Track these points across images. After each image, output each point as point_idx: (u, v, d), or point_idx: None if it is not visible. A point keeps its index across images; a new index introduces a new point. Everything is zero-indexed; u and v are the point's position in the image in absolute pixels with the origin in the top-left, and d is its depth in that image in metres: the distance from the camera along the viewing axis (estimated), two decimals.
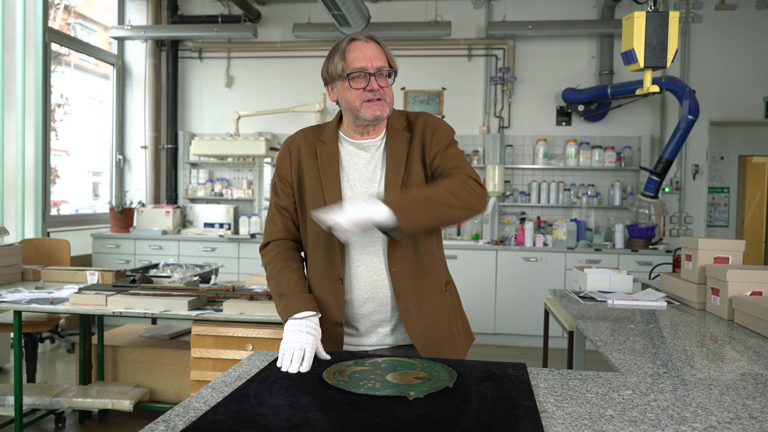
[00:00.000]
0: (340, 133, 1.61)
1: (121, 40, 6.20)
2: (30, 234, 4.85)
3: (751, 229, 6.95)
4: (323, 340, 1.55)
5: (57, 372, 4.29)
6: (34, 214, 4.89)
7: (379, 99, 1.49)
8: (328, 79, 1.56)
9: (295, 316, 1.43)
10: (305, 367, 1.31)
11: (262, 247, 1.63)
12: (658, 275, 3.24)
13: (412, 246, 1.55)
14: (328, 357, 1.42)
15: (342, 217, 1.33)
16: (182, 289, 2.85)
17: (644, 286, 3.18)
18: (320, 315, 1.51)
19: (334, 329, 1.56)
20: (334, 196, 1.53)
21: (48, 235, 4.98)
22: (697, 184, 5.60)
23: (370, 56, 1.48)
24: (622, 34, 2.70)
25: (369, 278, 1.53)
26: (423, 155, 1.55)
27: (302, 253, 1.66)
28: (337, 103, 1.59)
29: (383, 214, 1.33)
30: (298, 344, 1.36)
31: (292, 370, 1.30)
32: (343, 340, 1.57)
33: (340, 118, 1.63)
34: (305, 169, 1.58)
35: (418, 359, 1.38)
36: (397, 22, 5.70)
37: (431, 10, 5.80)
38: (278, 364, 1.35)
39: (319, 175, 1.56)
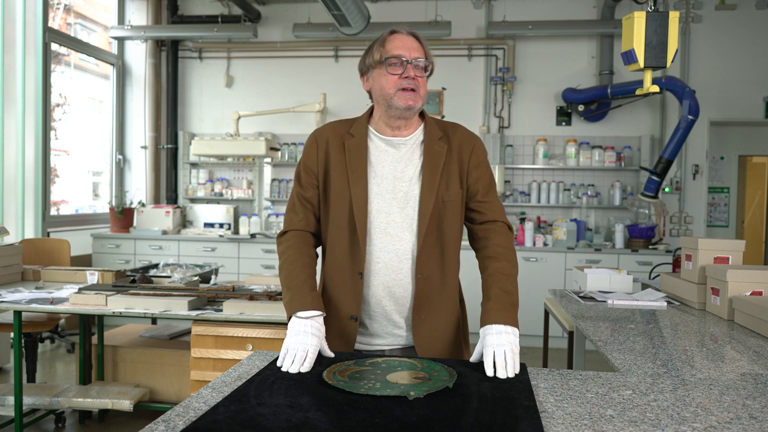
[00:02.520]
0: (369, 127, 1.61)
1: (121, 40, 6.20)
2: (30, 234, 4.85)
3: (751, 229, 6.95)
4: (334, 336, 1.55)
5: (57, 372, 4.29)
6: (34, 214, 4.89)
7: (413, 89, 1.51)
8: (365, 69, 1.59)
9: (300, 314, 1.43)
10: (306, 368, 1.31)
11: (280, 235, 1.62)
12: (658, 275, 3.24)
13: (438, 255, 1.56)
14: (332, 354, 1.42)
15: (515, 364, 1.33)
16: (182, 289, 2.85)
17: (644, 286, 3.18)
18: (325, 314, 1.50)
19: (348, 323, 1.56)
20: (360, 191, 1.53)
21: (48, 235, 4.98)
22: (697, 184, 5.60)
23: (409, 46, 1.52)
24: (622, 34, 2.70)
25: (387, 276, 1.54)
26: (460, 172, 1.58)
27: (319, 247, 1.65)
28: (370, 97, 1.61)
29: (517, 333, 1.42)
30: (302, 345, 1.36)
31: (293, 370, 1.30)
32: (356, 336, 1.57)
33: (370, 113, 1.63)
34: (332, 162, 1.57)
35: (418, 359, 1.38)
36: (397, 22, 5.63)
37: (431, 10, 5.80)
38: (279, 363, 1.34)
39: (346, 168, 1.55)
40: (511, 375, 1.29)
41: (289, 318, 1.45)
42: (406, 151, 1.58)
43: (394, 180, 1.56)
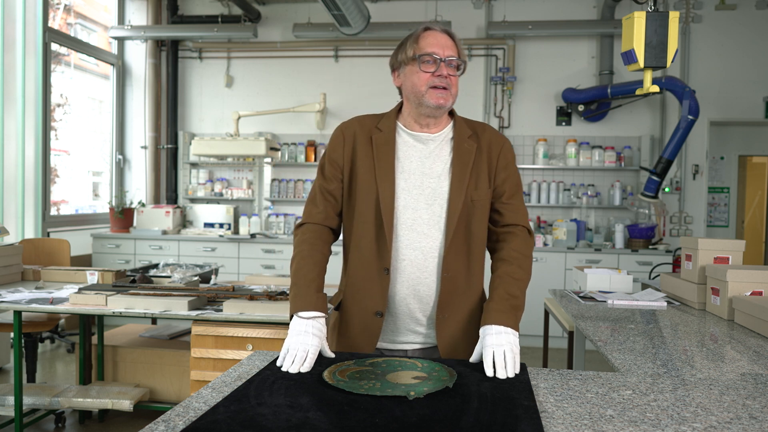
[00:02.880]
0: (398, 123, 1.60)
1: (121, 40, 6.20)
2: (30, 234, 4.85)
3: (751, 229, 6.95)
4: (358, 332, 1.55)
5: (57, 372, 4.29)
6: (34, 214, 4.89)
7: (444, 88, 1.50)
8: (396, 64, 1.58)
9: (302, 314, 1.42)
10: (306, 368, 1.31)
11: (298, 227, 1.61)
12: (658, 275, 3.24)
13: (464, 254, 1.55)
14: (332, 355, 1.42)
15: (515, 364, 1.33)
16: (182, 289, 2.85)
17: (644, 286, 3.18)
18: (327, 316, 1.50)
19: (373, 320, 1.55)
20: (387, 186, 1.52)
21: (48, 235, 4.98)
22: (697, 184, 5.60)
23: (443, 44, 1.51)
24: (622, 34, 2.70)
25: (412, 274, 1.53)
26: (489, 172, 1.57)
27: (334, 243, 1.63)
28: (399, 93, 1.60)
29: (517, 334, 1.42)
30: (302, 346, 1.35)
31: (293, 370, 1.30)
32: (380, 333, 1.56)
33: (399, 108, 1.62)
34: (359, 156, 1.56)
35: (418, 359, 1.38)
36: (397, 22, 5.70)
37: (431, 10, 5.80)
38: (279, 363, 1.34)
39: (374, 163, 1.54)
40: (511, 375, 1.29)
41: (291, 315, 1.45)
42: (435, 147, 1.57)
43: (422, 176, 1.55)
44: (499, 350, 1.34)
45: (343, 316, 1.61)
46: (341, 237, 1.66)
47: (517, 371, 1.31)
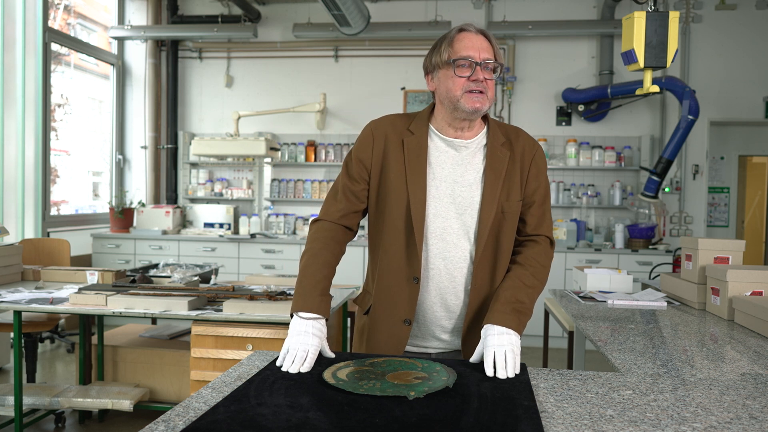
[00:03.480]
0: (430, 126, 1.55)
1: (121, 40, 6.20)
2: (30, 234, 4.85)
3: (751, 229, 6.95)
4: (385, 339, 1.54)
5: (57, 372, 4.29)
6: (34, 214, 4.89)
7: (481, 92, 1.45)
8: (430, 68, 1.52)
9: (303, 315, 1.41)
10: (306, 368, 1.31)
11: (314, 222, 1.58)
12: (658, 275, 3.24)
13: (491, 266, 1.53)
14: (332, 355, 1.41)
15: (515, 364, 1.32)
16: (182, 289, 2.85)
17: (644, 286, 3.18)
18: (327, 318, 1.49)
19: (401, 327, 1.53)
20: (418, 192, 1.48)
21: (48, 235, 4.98)
22: (697, 184, 5.60)
23: (479, 47, 1.45)
24: (622, 34, 2.70)
25: (441, 283, 1.51)
26: (521, 181, 1.54)
27: (348, 243, 1.61)
28: (433, 95, 1.55)
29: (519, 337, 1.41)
30: (302, 346, 1.35)
31: (293, 370, 1.30)
32: (407, 340, 1.55)
33: (431, 110, 1.57)
34: (390, 159, 1.52)
35: (418, 359, 1.38)
36: (397, 22, 5.70)
37: (431, 10, 5.80)
38: (279, 363, 1.34)
39: (405, 167, 1.50)
40: (511, 375, 1.29)
41: (292, 313, 1.44)
42: (467, 154, 1.53)
43: (453, 184, 1.51)
44: (500, 350, 1.33)
45: (371, 322, 1.58)
46: (368, 239, 1.62)
47: (518, 372, 1.31)
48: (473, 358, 1.39)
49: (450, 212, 1.50)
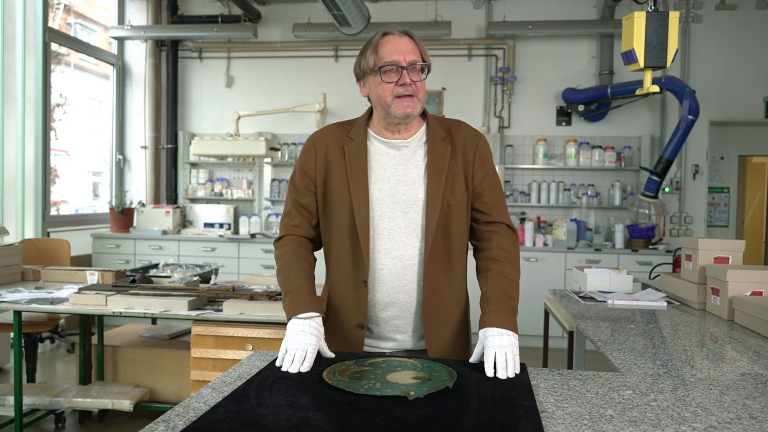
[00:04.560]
0: (369, 130, 1.56)
1: (121, 40, 6.20)
2: (30, 234, 4.85)
3: (751, 229, 6.95)
4: (340, 344, 1.54)
5: (57, 372, 4.29)
6: (34, 214, 4.89)
7: (410, 95, 1.45)
8: (360, 74, 1.53)
9: (299, 315, 1.42)
10: (305, 367, 1.31)
11: (277, 240, 1.61)
12: (658, 275, 3.24)
13: (445, 260, 1.53)
14: (332, 355, 1.42)
15: (515, 365, 1.32)
16: (182, 289, 2.85)
17: (644, 286, 3.18)
18: (324, 316, 1.50)
19: (355, 332, 1.54)
20: (361, 196, 1.49)
21: (48, 235, 4.98)
22: (697, 184, 5.60)
23: (403, 50, 1.45)
24: (622, 34, 2.70)
25: (391, 283, 1.51)
26: (465, 173, 1.54)
27: (315, 251, 1.64)
28: (368, 99, 1.56)
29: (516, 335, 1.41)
30: (301, 345, 1.35)
31: (293, 370, 1.30)
32: (363, 344, 1.56)
33: (369, 114, 1.59)
34: (332, 168, 1.53)
35: (418, 359, 1.38)
36: (397, 22, 5.66)
37: (431, 10, 5.80)
38: (278, 363, 1.34)
39: (347, 174, 1.51)
40: (511, 375, 1.29)
41: (288, 321, 1.44)
42: (408, 153, 1.54)
43: (396, 183, 1.52)
44: (501, 351, 1.34)
45: (327, 328, 1.57)
46: (323, 247, 1.63)
47: (518, 372, 1.31)
48: (473, 359, 1.40)
49: (395, 212, 1.51)
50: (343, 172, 1.52)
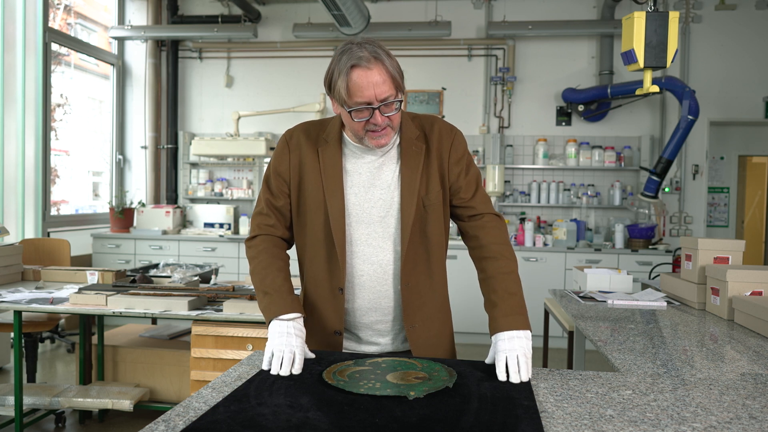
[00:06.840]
0: (344, 134, 1.51)
1: (121, 40, 6.20)
2: (30, 234, 4.85)
3: (751, 229, 6.95)
4: (321, 347, 1.53)
5: (57, 372, 4.29)
6: (34, 214, 4.89)
7: (384, 127, 1.40)
8: (330, 93, 1.41)
9: (282, 317, 1.39)
10: (296, 370, 1.30)
11: (250, 239, 1.55)
12: (658, 275, 3.24)
13: (423, 261, 1.51)
14: (312, 356, 1.40)
15: (527, 369, 1.30)
16: (182, 289, 2.85)
17: (644, 286, 3.18)
18: (305, 316, 1.47)
19: (332, 338, 1.53)
20: (336, 202, 1.46)
21: (48, 235, 4.98)
22: (697, 184, 5.60)
23: (374, 83, 1.34)
24: (622, 34, 2.70)
25: (372, 288, 1.49)
26: (440, 171, 1.50)
27: (290, 249, 1.60)
28: None
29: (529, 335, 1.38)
30: (288, 347, 1.32)
31: (284, 373, 1.28)
32: (342, 348, 1.54)
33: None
34: (306, 170, 1.49)
35: (418, 359, 1.38)
36: (397, 22, 5.70)
37: (431, 10, 5.80)
38: (265, 367, 1.32)
39: (321, 177, 1.47)
40: (525, 379, 1.27)
41: (268, 322, 1.41)
42: (383, 155, 1.49)
43: (372, 187, 1.48)
44: (512, 355, 1.31)
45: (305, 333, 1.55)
46: (296, 251, 1.59)
47: (530, 375, 1.29)
48: (488, 360, 1.38)
49: (372, 216, 1.48)
50: (317, 176, 1.48)
